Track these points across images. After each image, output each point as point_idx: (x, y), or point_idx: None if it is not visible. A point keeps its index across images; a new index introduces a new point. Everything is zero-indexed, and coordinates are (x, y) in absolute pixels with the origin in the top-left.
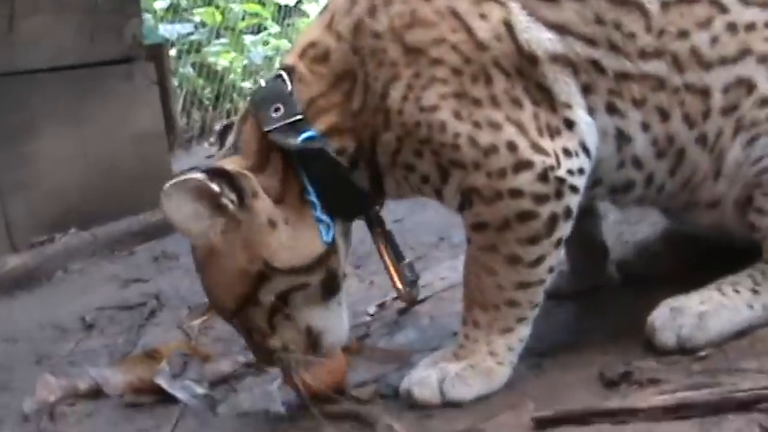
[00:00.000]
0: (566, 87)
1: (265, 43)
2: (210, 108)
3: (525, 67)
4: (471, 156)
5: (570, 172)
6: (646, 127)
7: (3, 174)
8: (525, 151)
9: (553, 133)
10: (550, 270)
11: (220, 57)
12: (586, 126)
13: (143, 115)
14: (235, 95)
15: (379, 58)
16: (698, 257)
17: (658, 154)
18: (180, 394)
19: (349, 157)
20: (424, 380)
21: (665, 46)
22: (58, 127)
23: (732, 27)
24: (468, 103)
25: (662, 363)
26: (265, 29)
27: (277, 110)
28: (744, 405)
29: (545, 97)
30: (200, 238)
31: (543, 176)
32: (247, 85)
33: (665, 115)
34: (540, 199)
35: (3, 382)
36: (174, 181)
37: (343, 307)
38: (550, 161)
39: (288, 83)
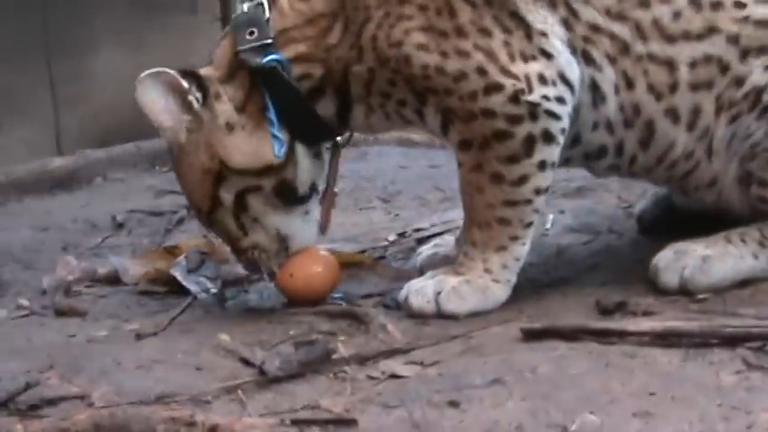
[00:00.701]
0: (540, 17)
1: None
2: None
3: None
4: (441, 83)
5: (546, 97)
6: (617, 90)
7: (59, 86)
8: (495, 75)
9: (527, 59)
10: (538, 192)
11: None
12: (566, 59)
13: (202, 50)
14: None
15: (356, 2)
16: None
17: (626, 122)
18: (192, 287)
19: (315, 83)
20: (421, 289)
21: (626, 12)
22: (117, 48)
23: (695, 3)
24: (435, 35)
25: (660, 300)
26: None
27: (251, 33)
28: (731, 340)
29: (519, 25)
30: (171, 133)
31: (514, 98)
32: None
33: (630, 83)
34: (514, 119)
35: (27, 262)
36: (147, 72)
37: (311, 216)
38: (521, 85)
39: (267, 11)
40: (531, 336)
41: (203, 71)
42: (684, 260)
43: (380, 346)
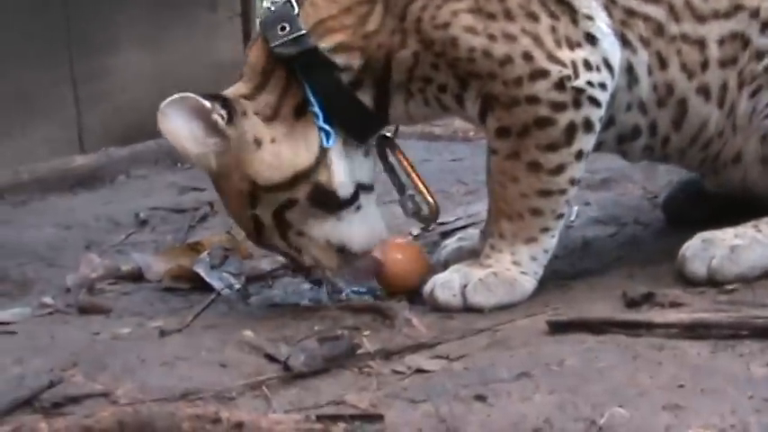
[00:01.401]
0: (585, 1)
1: None
2: None
3: None
4: (486, 67)
5: (590, 83)
6: (650, 70)
7: (81, 84)
8: (541, 61)
9: (573, 45)
10: (572, 182)
11: None
12: (610, 43)
13: (223, 46)
14: None
15: None
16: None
17: (659, 102)
18: (216, 283)
19: (354, 73)
20: (447, 282)
21: None
22: (138, 46)
23: None
24: (483, 17)
25: (687, 291)
26: None
27: (283, 28)
28: (762, 331)
29: (565, 11)
30: (200, 161)
31: (560, 85)
32: None
33: (663, 63)
34: (557, 106)
35: (51, 260)
36: (168, 100)
37: (365, 212)
38: (567, 71)
39: (295, 7)
40: (558, 328)
41: (233, 88)
42: (712, 249)
43: (406, 341)
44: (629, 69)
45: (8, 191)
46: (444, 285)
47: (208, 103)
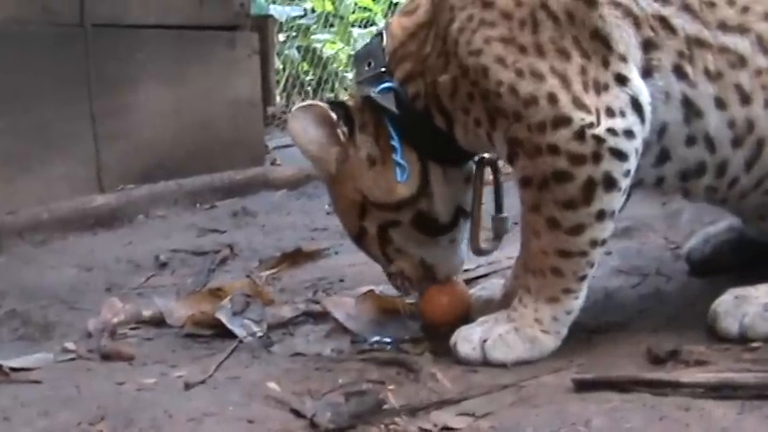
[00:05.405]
0: (625, 36)
1: None
2: (311, 92)
3: (580, 9)
4: (512, 105)
5: (612, 132)
6: (721, 104)
7: (100, 121)
8: (566, 106)
9: (600, 89)
10: (593, 244)
11: (326, 46)
12: (639, 85)
13: (241, 83)
14: (336, 84)
15: (444, 3)
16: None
17: (735, 141)
18: (238, 330)
19: (423, 100)
20: (468, 336)
21: (748, 24)
22: (157, 83)
23: None
24: (514, 49)
25: (712, 348)
26: (374, 24)
27: (369, 64)
28: None
29: (598, 49)
30: (321, 164)
31: (580, 134)
32: (350, 75)
33: (745, 97)
34: (576, 159)
35: (72, 303)
36: (301, 104)
37: (458, 243)
38: (590, 118)
39: (384, 39)
40: (583, 387)
41: (351, 103)
42: (745, 306)
43: (431, 396)
44: (686, 102)
45: (28, 230)
46: (466, 338)
47: (335, 115)
